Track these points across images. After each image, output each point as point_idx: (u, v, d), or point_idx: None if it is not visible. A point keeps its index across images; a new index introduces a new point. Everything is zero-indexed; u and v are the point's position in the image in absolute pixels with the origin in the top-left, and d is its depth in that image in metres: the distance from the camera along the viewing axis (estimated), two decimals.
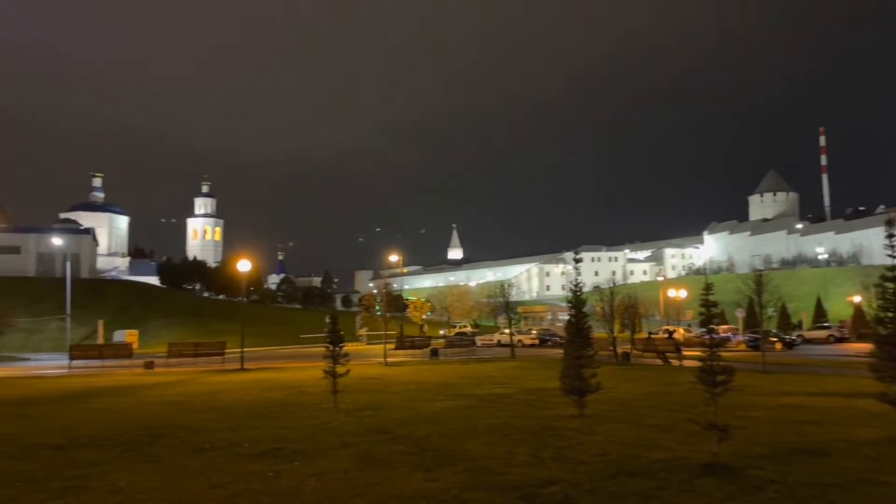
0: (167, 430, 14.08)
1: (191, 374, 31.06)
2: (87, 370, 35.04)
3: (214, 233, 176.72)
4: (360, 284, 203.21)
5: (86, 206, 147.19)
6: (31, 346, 70.16)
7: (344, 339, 17.38)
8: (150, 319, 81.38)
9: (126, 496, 8.73)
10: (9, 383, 25.08)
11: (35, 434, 13.68)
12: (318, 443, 12.34)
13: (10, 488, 9.18)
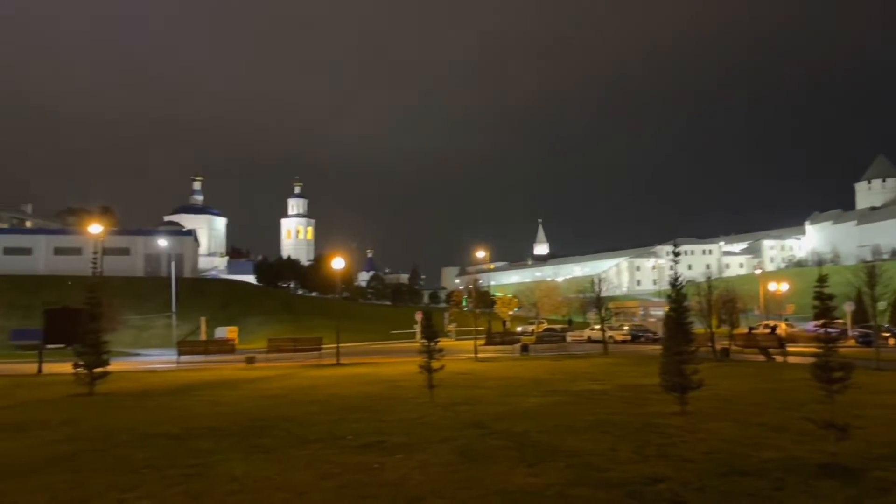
0: (274, 421, 14.65)
1: (290, 369, 32.17)
2: (194, 365, 36.88)
3: (307, 232, 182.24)
4: (447, 281, 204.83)
5: (187, 209, 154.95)
6: (142, 343, 74.37)
7: (439, 334, 17.54)
8: (248, 316, 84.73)
9: (242, 484, 9.13)
10: (126, 377, 26.70)
11: (154, 424, 14.50)
12: (418, 436, 12.53)
13: (136, 474, 9.77)
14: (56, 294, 78.48)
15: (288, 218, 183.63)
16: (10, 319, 67.08)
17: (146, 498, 8.46)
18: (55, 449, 11.84)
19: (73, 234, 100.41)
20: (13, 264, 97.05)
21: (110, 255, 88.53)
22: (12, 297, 76.56)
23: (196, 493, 8.67)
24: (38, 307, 75.36)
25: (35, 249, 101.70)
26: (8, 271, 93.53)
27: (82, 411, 16.93)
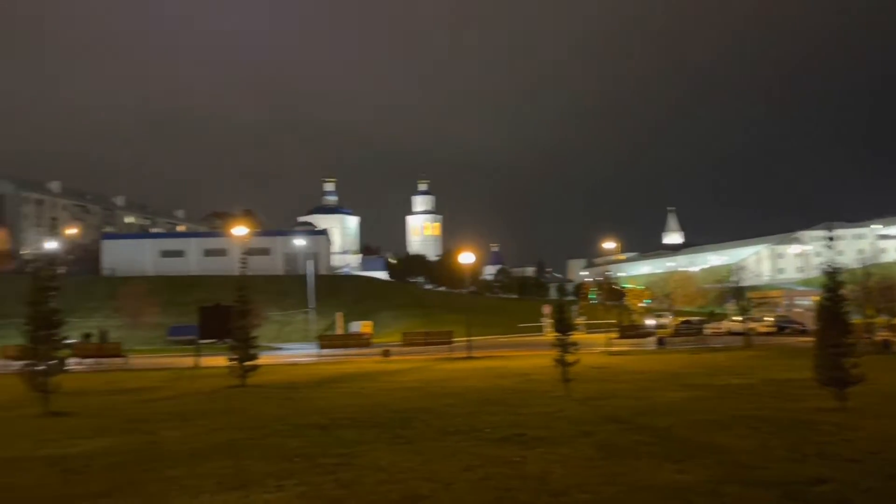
0: (414, 413, 15.05)
1: (423, 362, 32.92)
2: (334, 358, 38.56)
3: (433, 228, 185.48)
4: (573, 273, 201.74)
5: (321, 209, 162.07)
6: (283, 337, 78.61)
7: (572, 328, 17.34)
8: (380, 311, 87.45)
9: (388, 474, 9.44)
10: (273, 370, 28.33)
11: (302, 415, 15.31)
12: (557, 430, 12.45)
13: (289, 462, 10.34)
14: (207, 293, 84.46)
15: (414, 215, 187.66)
16: (167, 317, 72.87)
17: (302, 485, 8.91)
18: (216, 437, 12.75)
19: (220, 237, 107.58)
20: (169, 266, 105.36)
21: (252, 255, 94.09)
22: (169, 296, 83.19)
23: (346, 481, 9.05)
24: (191, 305, 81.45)
25: (187, 252, 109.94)
26: (164, 272, 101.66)
27: (237, 402, 18.16)
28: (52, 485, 9.31)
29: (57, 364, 17.34)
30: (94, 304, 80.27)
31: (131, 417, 15.57)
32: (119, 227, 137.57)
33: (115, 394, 21.65)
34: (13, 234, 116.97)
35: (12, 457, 11.17)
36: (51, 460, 10.87)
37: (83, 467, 10.28)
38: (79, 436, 13.05)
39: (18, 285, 69.29)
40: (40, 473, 9.95)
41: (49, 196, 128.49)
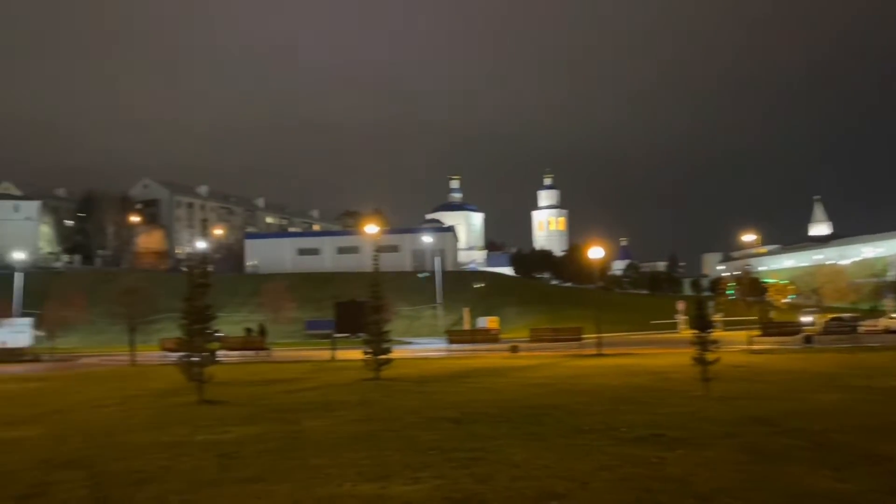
0: (546, 410, 14.89)
1: (552, 358, 32.57)
2: (463, 353, 38.99)
3: (559, 223, 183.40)
4: (709, 267, 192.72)
5: (446, 207, 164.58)
6: (413, 332, 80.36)
7: (712, 325, 16.50)
8: (506, 307, 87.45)
9: (523, 470, 9.36)
10: (404, 363, 28.99)
11: (435, 408, 15.54)
12: (698, 431, 11.90)
13: (424, 455, 10.49)
14: (340, 289, 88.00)
15: (539, 210, 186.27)
16: (305, 312, 76.37)
17: (437, 478, 9.01)
18: (356, 428, 13.18)
19: (352, 235, 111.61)
20: (305, 263, 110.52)
21: (382, 252, 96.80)
22: (305, 292, 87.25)
23: (481, 476, 9.06)
24: (326, 300, 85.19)
25: (322, 250, 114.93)
26: (301, 269, 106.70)
27: (373, 394, 18.72)
28: (208, 468, 9.95)
29: (209, 356, 18.61)
30: (240, 299, 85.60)
31: (276, 407, 16.42)
32: (260, 227, 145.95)
33: (261, 384, 22.96)
34: (168, 235, 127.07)
35: (173, 441, 12.07)
36: (206, 445, 11.65)
37: (235, 453, 10.93)
38: (230, 423, 13.91)
39: (173, 282, 74.88)
40: (198, 457, 10.67)
41: (198, 200, 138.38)
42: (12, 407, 18.42)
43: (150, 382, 24.90)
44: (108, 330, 72.32)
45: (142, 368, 34.60)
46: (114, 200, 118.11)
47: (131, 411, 16.47)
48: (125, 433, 13.17)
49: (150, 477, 9.40)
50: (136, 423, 14.50)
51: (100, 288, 64.82)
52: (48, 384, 26.55)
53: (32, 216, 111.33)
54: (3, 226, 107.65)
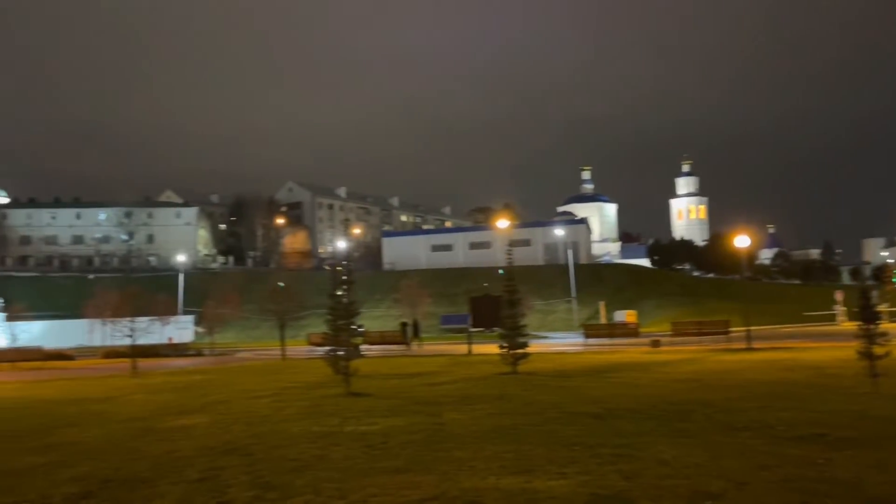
0: (693, 406, 14.27)
1: (697, 353, 31.19)
2: (600, 347, 38.23)
3: (699, 211, 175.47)
4: (871, 254, 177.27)
5: (578, 198, 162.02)
6: (547, 326, 79.78)
7: (879, 315, 15.14)
8: (643, 300, 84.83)
9: (673, 468, 9.02)
10: (540, 358, 28.78)
11: (575, 403, 15.32)
12: (867, 431, 10.96)
13: (568, 450, 10.36)
14: (473, 283, 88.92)
15: (678, 198, 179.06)
16: (439, 307, 77.78)
17: (583, 474, 8.86)
18: (495, 421, 13.25)
19: (484, 230, 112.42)
20: (439, 259, 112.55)
21: (514, 246, 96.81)
22: (439, 287, 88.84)
23: (629, 473, 8.82)
24: (460, 296, 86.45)
25: (455, 245, 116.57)
26: (435, 265, 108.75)
27: (511, 388, 18.75)
28: (357, 457, 10.35)
29: (354, 350, 19.38)
30: (379, 296, 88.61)
31: (418, 400, 16.82)
32: (395, 225, 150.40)
33: (402, 378, 23.63)
34: (311, 236, 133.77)
35: (324, 431, 12.66)
36: (355, 436, 12.12)
37: (382, 444, 11.30)
38: (376, 415, 14.41)
39: (317, 280, 78.49)
40: (347, 447, 11.13)
41: (338, 201, 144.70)
42: (182, 397, 20.07)
43: (300, 375, 26.29)
44: (260, 326, 77.22)
45: (291, 362, 36.63)
46: (261, 204, 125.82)
47: (285, 402, 17.44)
48: (280, 422, 13.96)
49: (305, 465, 9.91)
50: (290, 413, 15.34)
51: (252, 287, 69.23)
52: (211, 376, 28.71)
53: (191, 221, 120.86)
54: (166, 231, 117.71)
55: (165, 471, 9.83)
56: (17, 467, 10.43)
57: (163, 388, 23.71)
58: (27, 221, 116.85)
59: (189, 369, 35.23)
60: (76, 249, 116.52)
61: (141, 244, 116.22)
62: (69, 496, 8.61)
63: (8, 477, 9.75)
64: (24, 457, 11.23)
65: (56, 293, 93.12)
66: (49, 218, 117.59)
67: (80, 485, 9.13)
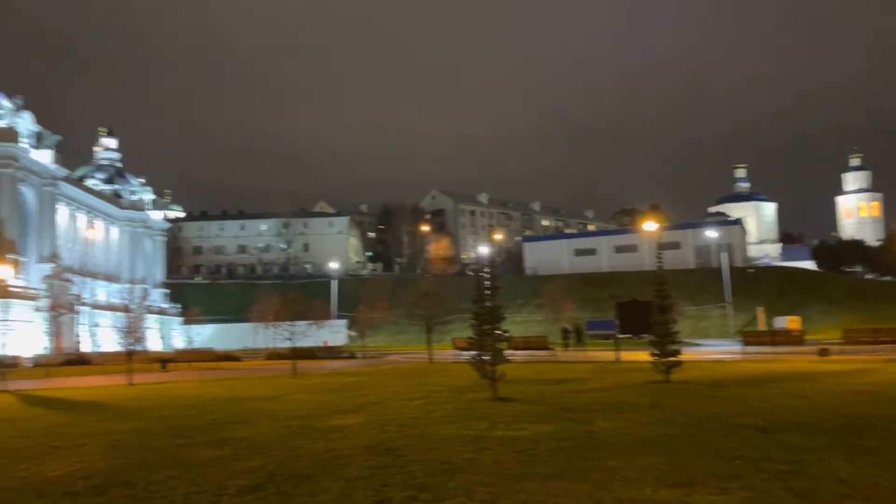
0: (872, 420, 13.04)
1: (874, 363, 28.44)
2: (760, 355, 35.87)
3: (871, 208, 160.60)
4: None
5: (732, 198, 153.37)
6: (699, 333, 76.21)
7: None
8: (808, 305, 78.95)
9: (850, 488, 8.28)
10: (694, 366, 27.40)
11: (736, 414, 14.45)
12: None
13: (730, 464, 9.78)
14: (619, 288, 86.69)
15: (845, 195, 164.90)
16: (584, 312, 76.49)
17: (747, 489, 8.34)
18: (649, 431, 12.78)
19: (629, 233, 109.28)
20: (582, 264, 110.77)
21: (663, 249, 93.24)
22: (584, 292, 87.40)
23: (801, 491, 8.19)
24: (605, 301, 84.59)
25: (599, 249, 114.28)
26: (578, 270, 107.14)
27: (664, 397, 18.01)
28: (507, 462, 10.36)
29: (499, 354, 19.45)
30: (521, 301, 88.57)
31: (566, 406, 16.58)
32: (537, 230, 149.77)
33: (548, 383, 23.40)
34: (454, 242, 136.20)
35: (473, 435, 12.78)
36: (504, 441, 12.14)
37: (531, 450, 11.24)
38: (524, 420, 14.36)
39: (461, 285, 79.64)
40: (497, 452, 11.16)
41: (480, 207, 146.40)
42: (339, 398, 21.06)
43: (448, 379, 26.75)
44: (407, 330, 79.63)
45: (439, 365, 37.39)
46: (407, 212, 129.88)
47: (434, 405, 17.81)
48: (431, 425, 14.26)
49: (456, 468, 10.05)
50: (440, 416, 15.63)
51: (399, 292, 71.53)
52: (364, 378, 29.90)
53: (343, 230, 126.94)
54: (320, 240, 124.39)
55: (326, 468, 10.33)
56: (197, 459, 11.37)
57: (320, 388, 25.00)
58: (199, 233, 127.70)
59: (343, 371, 36.92)
60: (241, 258, 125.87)
61: (298, 252, 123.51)
62: (242, 488, 9.26)
63: (189, 468, 10.64)
64: (201, 450, 12.22)
65: (224, 299, 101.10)
66: (217, 230, 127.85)
67: (251, 478, 9.80)
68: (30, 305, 65.99)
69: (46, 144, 76.47)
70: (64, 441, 13.65)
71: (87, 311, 78.10)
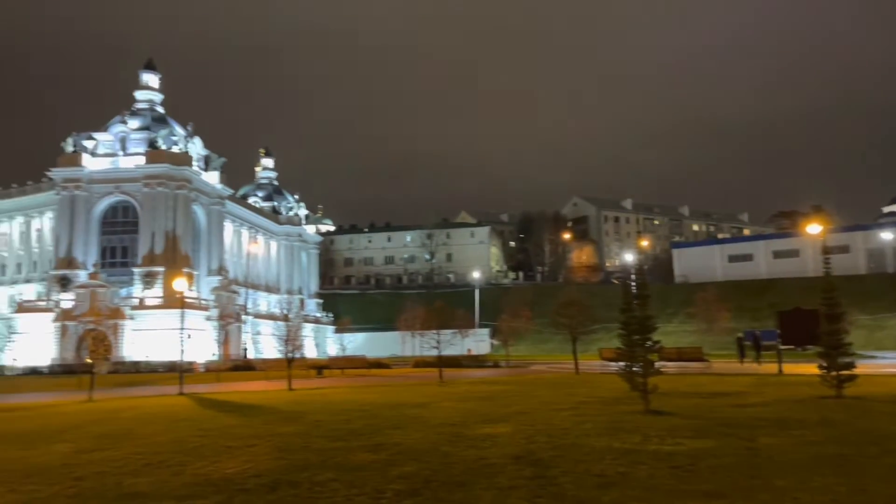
0: None
1: None
2: None
3: None
4: None
5: None
6: (874, 344, 69.71)
7: None
8: None
9: None
10: (871, 381, 24.99)
11: None
12: None
13: None
14: (778, 296, 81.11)
15: None
16: (739, 322, 72.23)
17: None
18: (820, 449, 11.85)
19: (790, 237, 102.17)
20: (736, 270, 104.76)
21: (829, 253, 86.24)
22: (739, 300, 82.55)
23: None
24: (763, 309, 79.50)
25: (755, 255, 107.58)
26: (733, 277, 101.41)
27: (836, 413, 16.63)
28: (663, 478, 9.98)
29: (650, 366, 18.78)
30: (671, 310, 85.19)
31: (725, 421, 15.72)
32: (686, 235, 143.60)
33: (703, 396, 22.31)
34: (597, 249, 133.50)
35: (626, 448, 12.43)
36: (659, 455, 11.71)
37: (689, 465, 10.76)
38: (680, 435, 13.77)
39: (606, 294, 77.74)
40: (651, 467, 10.78)
41: (623, 213, 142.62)
42: (486, 406, 21.23)
43: (595, 390, 26.22)
44: (551, 339, 78.93)
45: (585, 376, 36.72)
46: (548, 220, 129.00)
47: (583, 416, 17.51)
48: (581, 437, 14.03)
49: (610, 482, 9.82)
50: (589, 427, 15.34)
51: (542, 301, 71.09)
52: (510, 387, 29.95)
53: (484, 240, 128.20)
54: (462, 250, 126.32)
55: (478, 476, 10.44)
56: (355, 463, 11.88)
57: (467, 396, 25.32)
58: (349, 246, 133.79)
59: (488, 379, 37.17)
60: (388, 269, 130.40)
61: (441, 262, 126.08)
62: (399, 492, 9.57)
63: (348, 471, 11.14)
64: (359, 454, 12.76)
65: (372, 308, 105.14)
66: (366, 242, 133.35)
67: (407, 483, 10.10)
68: (202, 315, 71.94)
69: (213, 166, 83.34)
70: (236, 441, 14.75)
71: (251, 320, 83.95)
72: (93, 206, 76.41)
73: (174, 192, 75.69)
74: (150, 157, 75.54)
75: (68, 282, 72.71)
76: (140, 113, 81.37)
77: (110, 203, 77.24)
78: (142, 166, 75.37)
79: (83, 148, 76.79)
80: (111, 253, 76.85)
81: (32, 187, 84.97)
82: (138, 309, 70.43)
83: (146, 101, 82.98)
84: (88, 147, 77.20)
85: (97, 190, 76.68)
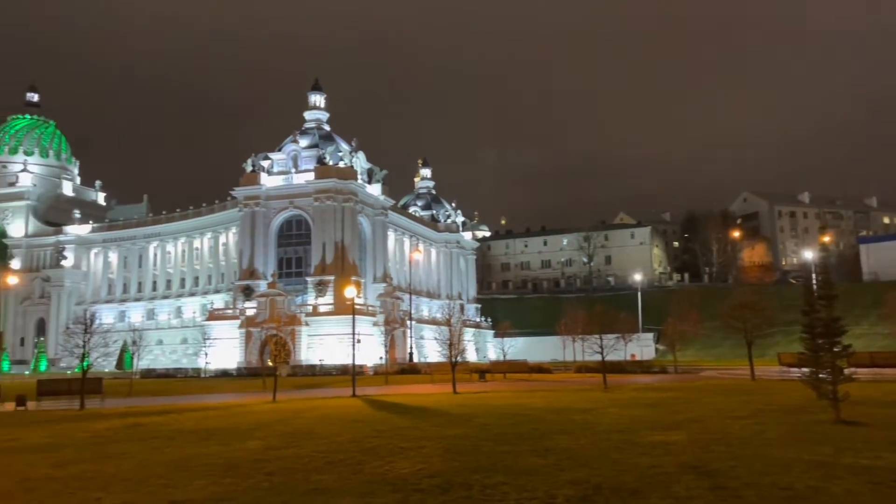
0: None
1: None
2: None
3: None
4: None
5: None
6: None
7: None
8: None
9: None
10: None
11: None
12: None
13: None
14: None
15: None
16: None
17: None
18: None
19: None
20: None
21: None
22: None
23: None
24: None
25: None
26: None
27: None
28: (862, 494, 9.20)
29: (841, 372, 17.24)
30: (858, 311, 77.64)
31: None
32: (875, 228, 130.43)
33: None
34: (771, 247, 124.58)
35: (816, 461, 11.51)
36: (855, 469, 10.74)
37: (892, 481, 9.80)
38: (879, 448, 12.55)
39: (782, 295, 72.48)
40: (848, 481, 9.93)
41: (800, 207, 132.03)
42: (654, 413, 20.51)
43: (775, 397, 24.52)
44: (721, 344, 74.73)
45: (762, 383, 34.41)
46: (714, 218, 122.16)
47: (763, 425, 16.44)
48: (763, 447, 13.18)
49: (800, 496, 9.16)
50: (772, 437, 14.38)
51: (710, 303, 67.41)
52: (678, 394, 28.70)
53: (645, 241, 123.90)
54: (622, 251, 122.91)
55: (652, 484, 10.11)
56: (525, 466, 11.92)
57: (633, 402, 24.57)
58: (505, 251, 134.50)
59: (655, 386, 35.85)
60: (545, 273, 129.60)
61: (600, 265, 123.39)
62: (570, 498, 9.49)
63: (518, 475, 11.20)
64: (528, 458, 12.79)
65: (530, 312, 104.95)
66: (522, 246, 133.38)
67: (578, 489, 9.99)
68: (369, 321, 75.37)
69: (376, 179, 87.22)
70: (407, 442, 15.31)
71: (414, 325, 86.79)
72: (270, 220, 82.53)
73: (341, 204, 79.99)
74: (318, 172, 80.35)
75: (251, 291, 78.95)
76: (309, 132, 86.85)
77: (285, 217, 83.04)
78: (312, 182, 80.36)
79: (261, 168, 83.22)
80: (287, 263, 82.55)
81: (219, 206, 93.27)
82: (312, 315, 75.06)
83: (314, 120, 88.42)
84: (265, 166, 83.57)
85: (274, 206, 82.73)
